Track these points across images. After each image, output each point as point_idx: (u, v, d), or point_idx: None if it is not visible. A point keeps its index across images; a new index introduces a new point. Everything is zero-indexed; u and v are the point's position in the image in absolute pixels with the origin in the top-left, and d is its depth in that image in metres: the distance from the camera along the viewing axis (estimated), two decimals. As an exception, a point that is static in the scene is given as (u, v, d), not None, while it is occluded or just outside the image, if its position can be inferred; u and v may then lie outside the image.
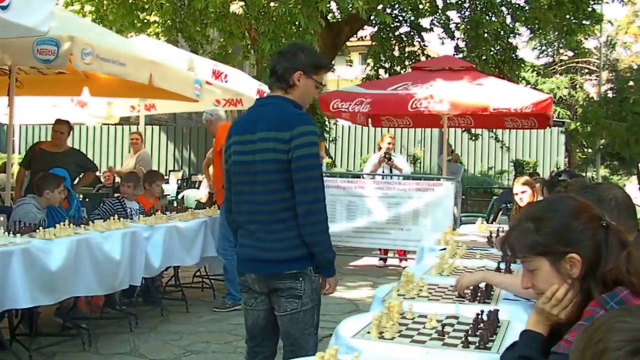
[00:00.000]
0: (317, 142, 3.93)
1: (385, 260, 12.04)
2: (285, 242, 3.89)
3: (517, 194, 7.55)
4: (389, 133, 13.60)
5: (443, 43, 18.86)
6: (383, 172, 11.90)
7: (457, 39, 17.91)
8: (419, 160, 25.49)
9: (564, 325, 2.30)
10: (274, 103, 4.03)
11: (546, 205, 2.45)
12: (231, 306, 8.35)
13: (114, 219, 7.06)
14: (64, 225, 6.29)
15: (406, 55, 18.24)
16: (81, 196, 9.97)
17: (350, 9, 13.72)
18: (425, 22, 18.20)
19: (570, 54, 32.07)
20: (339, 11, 16.45)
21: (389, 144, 11.80)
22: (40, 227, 6.17)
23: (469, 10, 17.54)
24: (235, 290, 8.29)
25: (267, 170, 3.88)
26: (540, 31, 18.68)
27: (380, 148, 11.99)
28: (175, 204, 10.92)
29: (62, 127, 9.27)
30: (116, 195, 9.54)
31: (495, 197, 16.64)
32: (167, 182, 14.18)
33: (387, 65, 18.10)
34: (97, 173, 11.42)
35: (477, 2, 17.38)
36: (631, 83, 14.44)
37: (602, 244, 2.27)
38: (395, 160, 11.88)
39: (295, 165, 3.82)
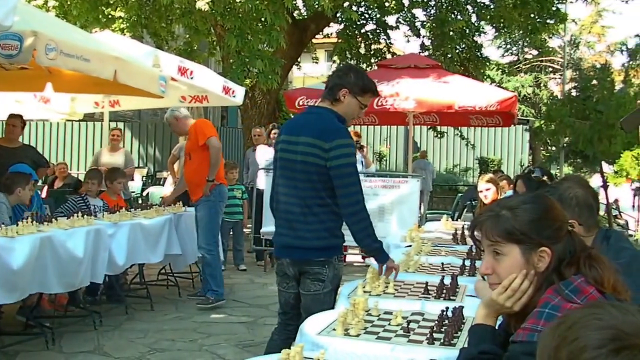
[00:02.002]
0: (353, 152, 4.48)
1: (344, 257, 11.92)
2: (316, 232, 4.45)
3: (481, 191, 7.60)
4: (353, 130, 13.61)
5: (409, 41, 18.96)
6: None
7: (423, 37, 17.99)
8: (384, 158, 25.58)
9: (518, 317, 2.33)
10: (321, 113, 4.57)
11: (523, 198, 2.46)
12: (214, 301, 8.33)
13: (77, 216, 7.00)
14: (27, 222, 6.22)
15: (372, 52, 18.29)
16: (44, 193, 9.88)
17: (317, 6, 13.72)
18: (391, 19, 18.29)
19: (535, 52, 32.38)
20: (305, 8, 16.45)
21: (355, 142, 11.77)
22: (2, 224, 6.09)
23: (434, 8, 17.63)
24: (217, 285, 8.40)
25: (308, 171, 4.42)
26: (505, 30, 18.84)
27: None
28: (140, 201, 10.85)
29: (15, 120, 9.22)
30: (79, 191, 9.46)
31: (460, 195, 16.77)
32: (132, 179, 14.05)
33: (353, 62, 18.12)
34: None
35: (443, 1, 17.48)
36: (594, 82, 14.53)
37: (569, 245, 2.32)
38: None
39: (334, 172, 4.37)
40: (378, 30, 18.08)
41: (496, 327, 2.44)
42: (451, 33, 16.92)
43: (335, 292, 4.58)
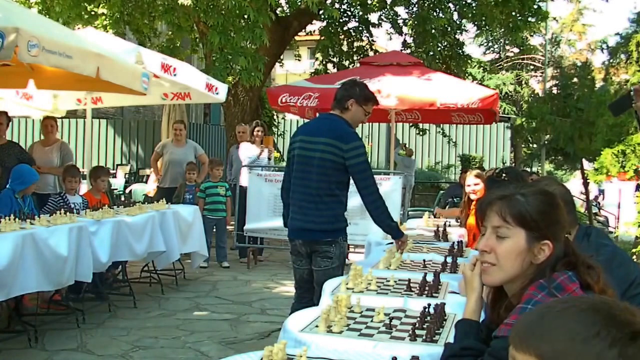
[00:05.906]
0: (365, 152, 5.44)
1: None
2: (325, 217, 5.42)
3: (469, 185, 7.43)
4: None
5: (391, 38, 18.99)
6: None
7: (405, 34, 18.01)
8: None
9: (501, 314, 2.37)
10: (334, 119, 5.50)
11: (535, 189, 2.47)
12: None
13: (60, 213, 6.98)
14: (9, 220, 6.21)
15: (354, 50, 18.30)
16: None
17: (300, 3, 13.72)
18: (373, 17, 18.30)
19: (516, 50, 32.47)
20: (287, 5, 16.44)
21: None
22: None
23: (416, 6, 17.65)
24: None
25: (324, 166, 5.35)
26: (487, 28, 18.86)
27: None
28: (122, 198, 10.79)
29: (1, 117, 9.17)
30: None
31: (442, 192, 16.81)
32: (115, 177, 14.02)
33: (335, 59, 18.13)
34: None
35: (425, -2, 17.52)
36: (575, 80, 14.65)
37: (566, 248, 2.37)
38: None
39: (353, 170, 5.33)
40: (360, 28, 18.08)
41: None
42: (433, 31, 16.94)
43: (342, 268, 5.52)
